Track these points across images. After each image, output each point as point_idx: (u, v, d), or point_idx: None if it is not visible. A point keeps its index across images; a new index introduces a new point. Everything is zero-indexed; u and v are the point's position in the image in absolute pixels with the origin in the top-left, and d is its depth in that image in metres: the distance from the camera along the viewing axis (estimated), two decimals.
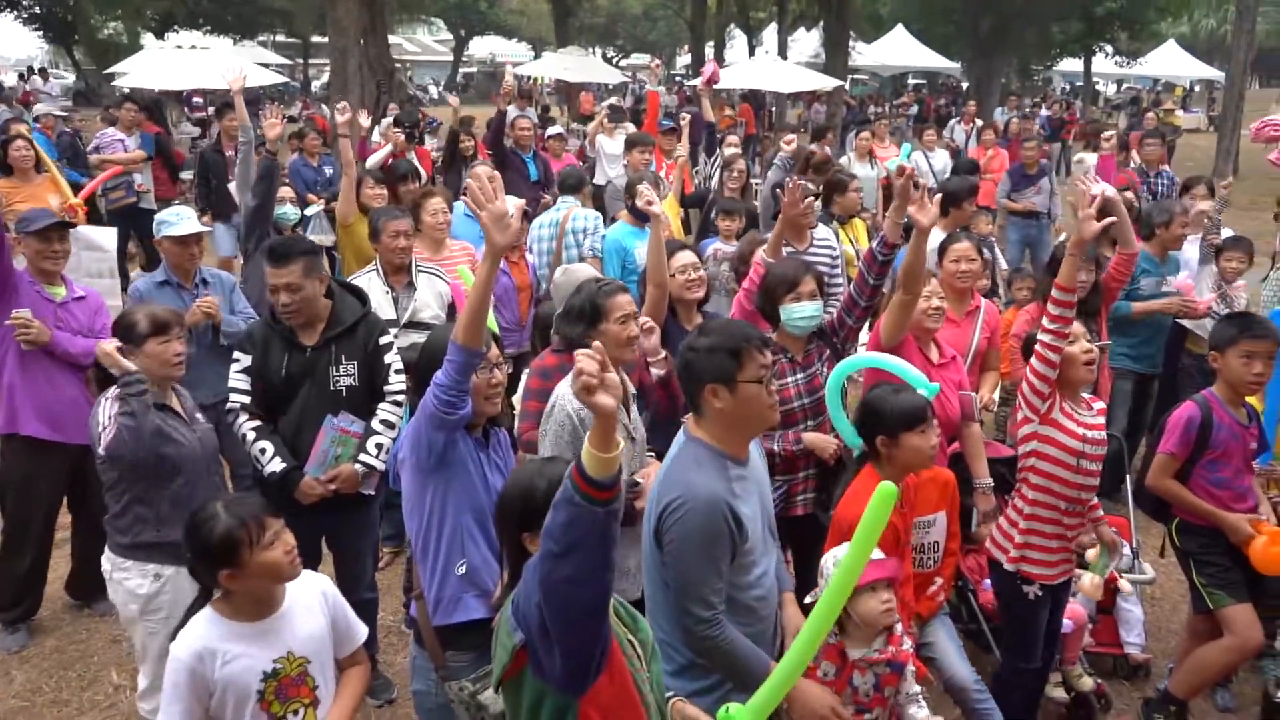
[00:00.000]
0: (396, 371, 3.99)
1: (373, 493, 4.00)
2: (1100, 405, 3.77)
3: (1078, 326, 3.57)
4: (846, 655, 2.94)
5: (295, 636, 2.67)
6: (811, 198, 5.72)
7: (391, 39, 21.99)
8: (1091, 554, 3.99)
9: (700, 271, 4.43)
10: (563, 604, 1.97)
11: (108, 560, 3.61)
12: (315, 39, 41.16)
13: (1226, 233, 6.52)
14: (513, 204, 5.79)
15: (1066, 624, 4.12)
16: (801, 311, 3.81)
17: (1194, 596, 4.01)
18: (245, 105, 6.89)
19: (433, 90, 45.25)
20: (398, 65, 24.23)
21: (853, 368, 3.88)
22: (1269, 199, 15.18)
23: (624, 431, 3.39)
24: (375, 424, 3.89)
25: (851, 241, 6.61)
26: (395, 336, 4.59)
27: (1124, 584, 4.48)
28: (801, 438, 3.84)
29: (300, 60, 44.87)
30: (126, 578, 3.54)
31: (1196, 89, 40.42)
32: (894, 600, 2.94)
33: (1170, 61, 37.75)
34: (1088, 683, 4.26)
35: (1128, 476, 5.06)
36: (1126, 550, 4.74)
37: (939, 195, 4.04)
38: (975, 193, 6.61)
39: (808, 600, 2.96)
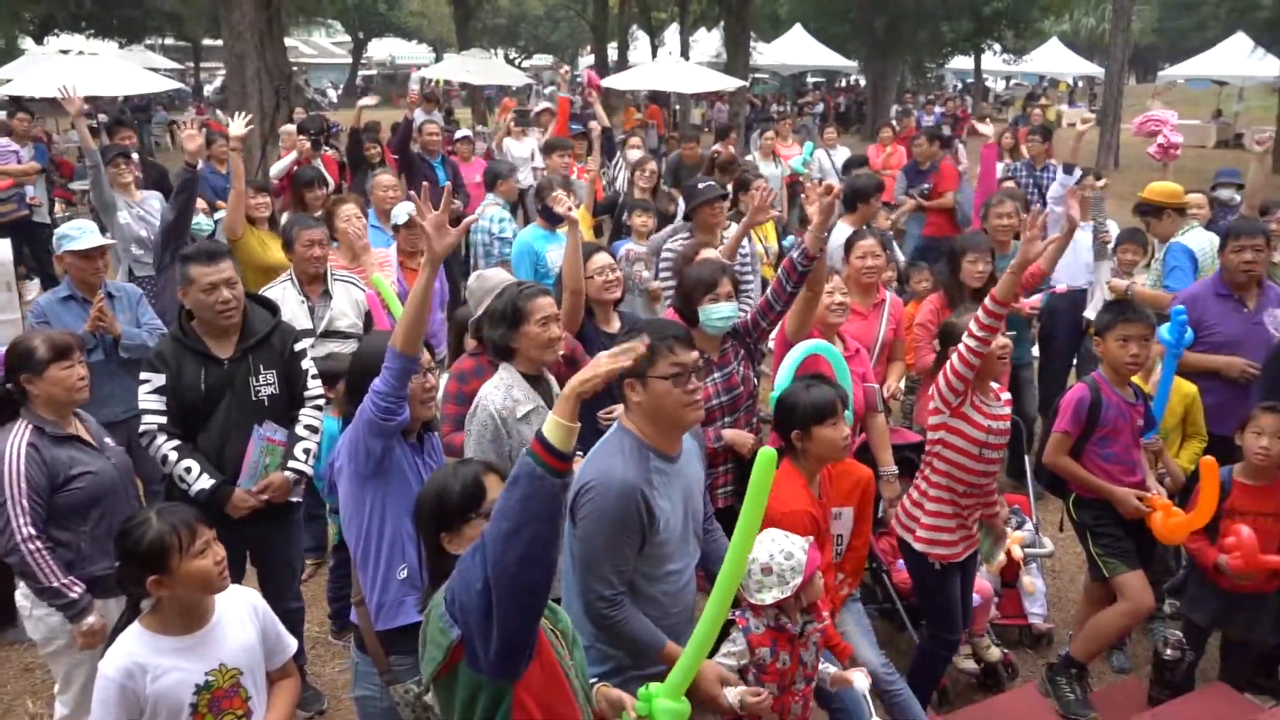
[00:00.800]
0: (314, 377, 4.02)
1: (299, 499, 4.02)
2: (1007, 396, 3.98)
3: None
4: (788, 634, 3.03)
5: (227, 648, 2.67)
6: (721, 199, 5.88)
7: (288, 41, 21.49)
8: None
9: (617, 273, 4.53)
10: (512, 585, 2.04)
11: (25, 597, 3.45)
12: (207, 42, 39.90)
13: (1113, 227, 6.88)
14: (406, 209, 5.86)
15: (974, 598, 4.35)
16: (719, 312, 3.93)
17: (1090, 566, 4.26)
18: (137, 112, 6.75)
19: (331, 94, 44.34)
20: (295, 69, 23.70)
21: (806, 354, 4.05)
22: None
23: None
24: (299, 430, 3.91)
25: (760, 240, 6.78)
26: (312, 346, 4.59)
27: (1026, 578, 4.75)
28: (721, 434, 3.97)
29: (191, 64, 43.47)
30: (49, 613, 3.39)
31: (1079, 85, 42.14)
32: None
33: (1054, 59, 39.37)
34: (995, 653, 4.50)
35: (1027, 457, 5.34)
36: (1029, 526, 5.01)
37: (868, 198, 4.24)
38: (882, 189, 6.85)
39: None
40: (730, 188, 7.12)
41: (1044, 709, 4.09)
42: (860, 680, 3.13)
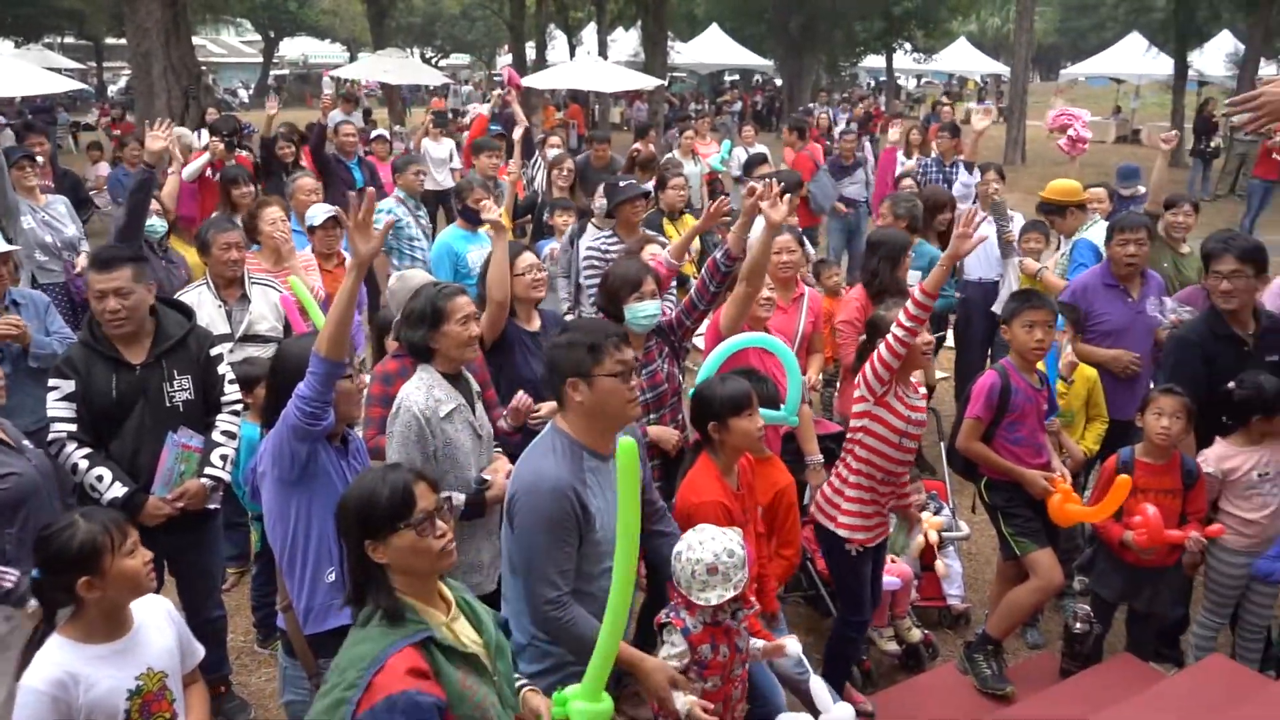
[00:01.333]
0: (230, 382, 3.96)
1: (217, 506, 3.94)
2: (924, 390, 4.11)
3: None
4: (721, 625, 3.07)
5: (152, 652, 2.65)
6: (642, 198, 5.93)
7: (195, 40, 20.92)
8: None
9: (543, 272, 4.55)
10: None
11: None
12: (110, 40, 38.65)
13: (1019, 219, 7.11)
14: (324, 210, 5.79)
15: (895, 581, 4.48)
16: (644, 310, 3.98)
17: (1003, 546, 4.42)
18: (39, 114, 6.53)
19: (242, 94, 43.30)
20: (203, 68, 23.07)
21: (736, 347, 4.10)
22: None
23: (470, 429, 3.47)
24: (216, 435, 3.84)
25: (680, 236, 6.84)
26: (230, 351, 4.51)
27: (942, 561, 4.91)
28: (647, 430, 4.02)
29: (94, 64, 42.03)
30: None
31: (987, 83, 43.41)
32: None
33: (962, 58, 40.58)
34: (916, 634, 4.64)
35: (942, 445, 5.51)
36: (946, 511, 5.18)
37: (788, 194, 4.33)
38: (801, 186, 6.98)
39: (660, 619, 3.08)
40: (651, 185, 7.18)
41: (963, 686, 4.23)
42: (792, 645, 3.18)
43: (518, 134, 8.32)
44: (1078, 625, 4.21)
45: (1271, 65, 22.81)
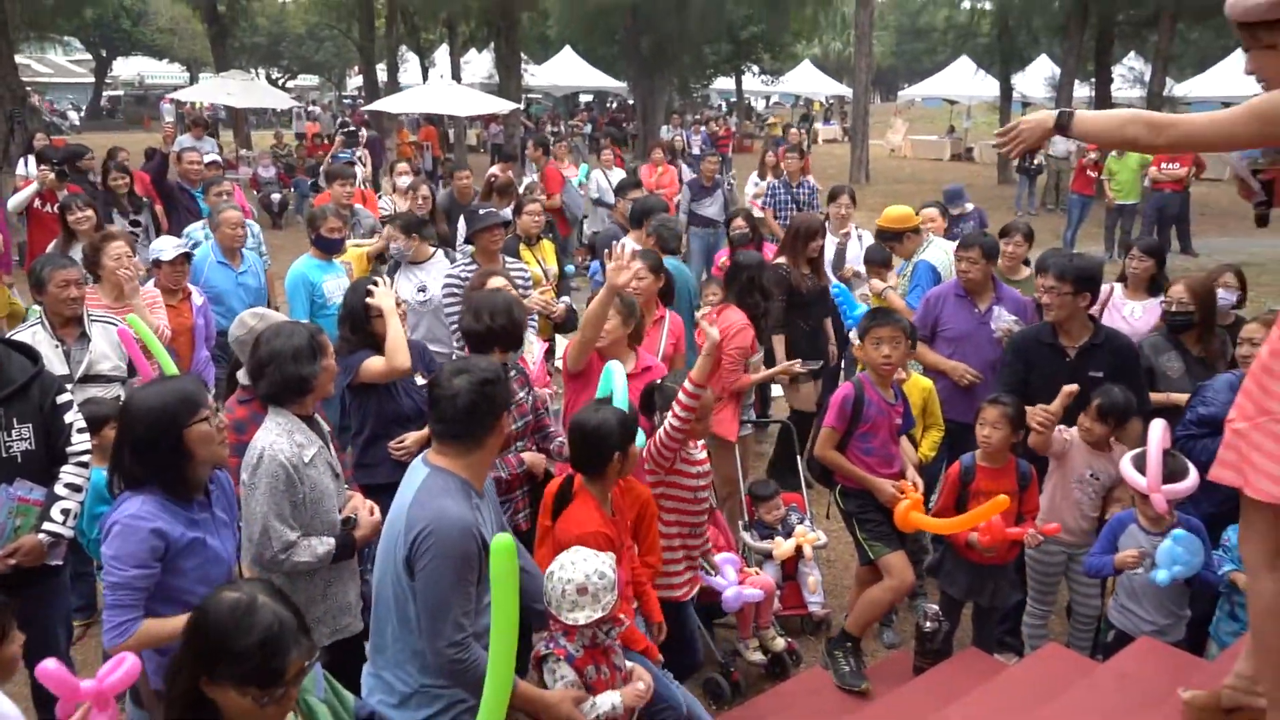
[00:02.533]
0: (79, 431, 3.74)
1: (60, 562, 3.74)
2: (702, 442, 4.27)
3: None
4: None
5: None
6: (502, 226, 5.97)
7: (19, 59, 19.73)
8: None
9: (403, 306, 4.55)
10: None
11: None
12: None
13: (867, 236, 7.46)
14: (175, 245, 5.61)
15: (757, 594, 4.64)
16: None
17: (858, 550, 4.66)
18: None
19: (73, 116, 40.98)
20: (29, 89, 21.74)
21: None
22: (893, 202, 17.34)
23: (330, 471, 3.43)
24: (59, 488, 3.62)
25: (539, 262, 6.90)
26: (70, 392, 4.30)
27: (803, 569, 5.11)
28: (523, 458, 4.07)
29: None
30: None
31: (832, 104, 45.25)
32: None
33: (807, 80, 42.22)
34: (780, 643, 4.82)
35: (799, 457, 5.74)
36: (806, 521, 5.38)
37: (639, 262, 4.54)
38: (665, 209, 7.15)
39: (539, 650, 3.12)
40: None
41: (828, 688, 4.41)
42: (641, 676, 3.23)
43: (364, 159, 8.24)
44: (928, 624, 4.46)
45: (1085, 86, 24.59)
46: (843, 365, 7.01)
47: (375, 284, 4.38)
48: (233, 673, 1.93)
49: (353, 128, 18.41)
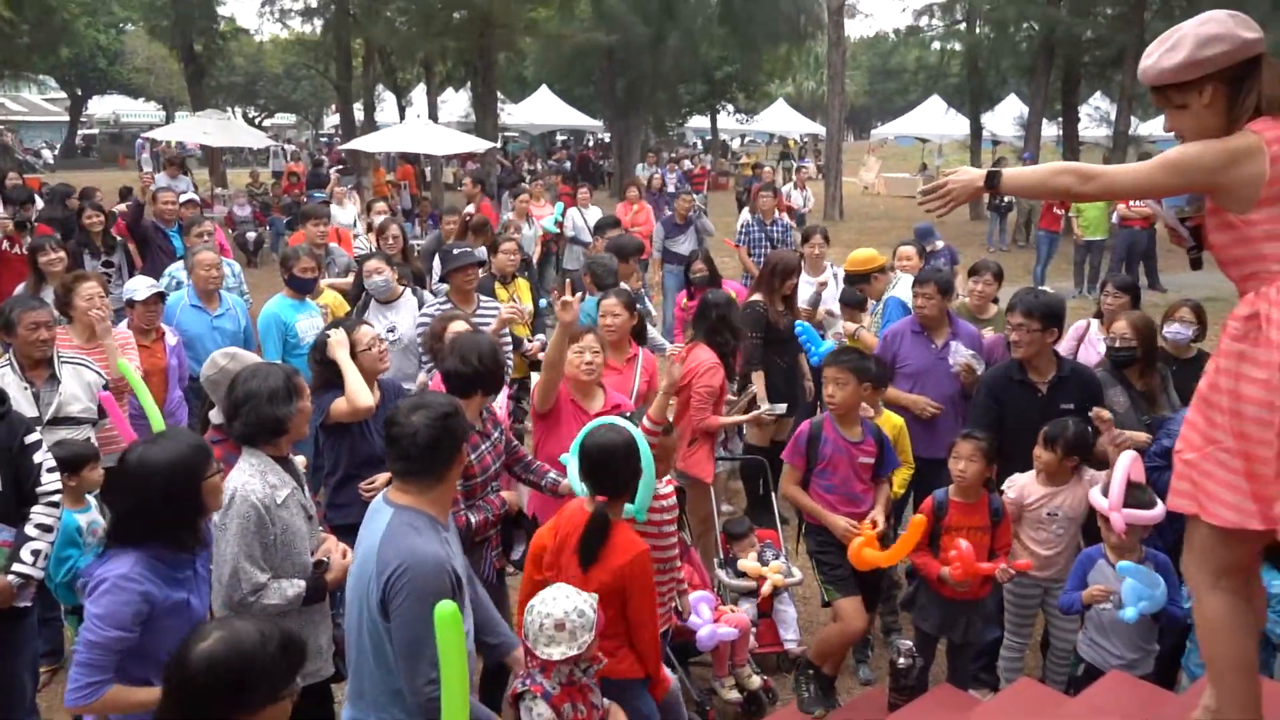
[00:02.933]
0: (49, 470, 3.72)
1: (29, 604, 3.70)
2: (670, 476, 4.34)
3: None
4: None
5: None
6: (477, 265, 6.01)
7: None
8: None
9: (384, 343, 4.56)
10: None
11: None
12: None
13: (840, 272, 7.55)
14: (148, 285, 5.59)
15: (732, 632, 4.63)
16: None
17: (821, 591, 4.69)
18: None
19: (47, 154, 40.82)
20: (1, 127, 21.68)
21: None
22: (867, 239, 17.60)
23: (302, 512, 3.42)
24: (29, 529, 3.60)
25: (514, 300, 6.91)
26: (39, 434, 4.27)
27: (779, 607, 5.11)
28: (504, 499, 4.07)
29: None
30: None
31: (806, 142, 45.85)
32: None
33: (781, 118, 42.82)
34: (756, 681, 4.80)
35: (772, 494, 5.74)
36: (782, 558, 5.38)
37: (579, 296, 4.60)
38: (641, 250, 7.20)
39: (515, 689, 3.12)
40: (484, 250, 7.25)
41: None
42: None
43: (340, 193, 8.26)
44: (902, 660, 4.46)
45: (1053, 126, 25.07)
46: (820, 402, 7.06)
47: (329, 336, 4.41)
48: (262, 696, 2.07)
49: (342, 166, 18.44)
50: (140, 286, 5.72)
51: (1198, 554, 2.66)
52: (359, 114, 27.46)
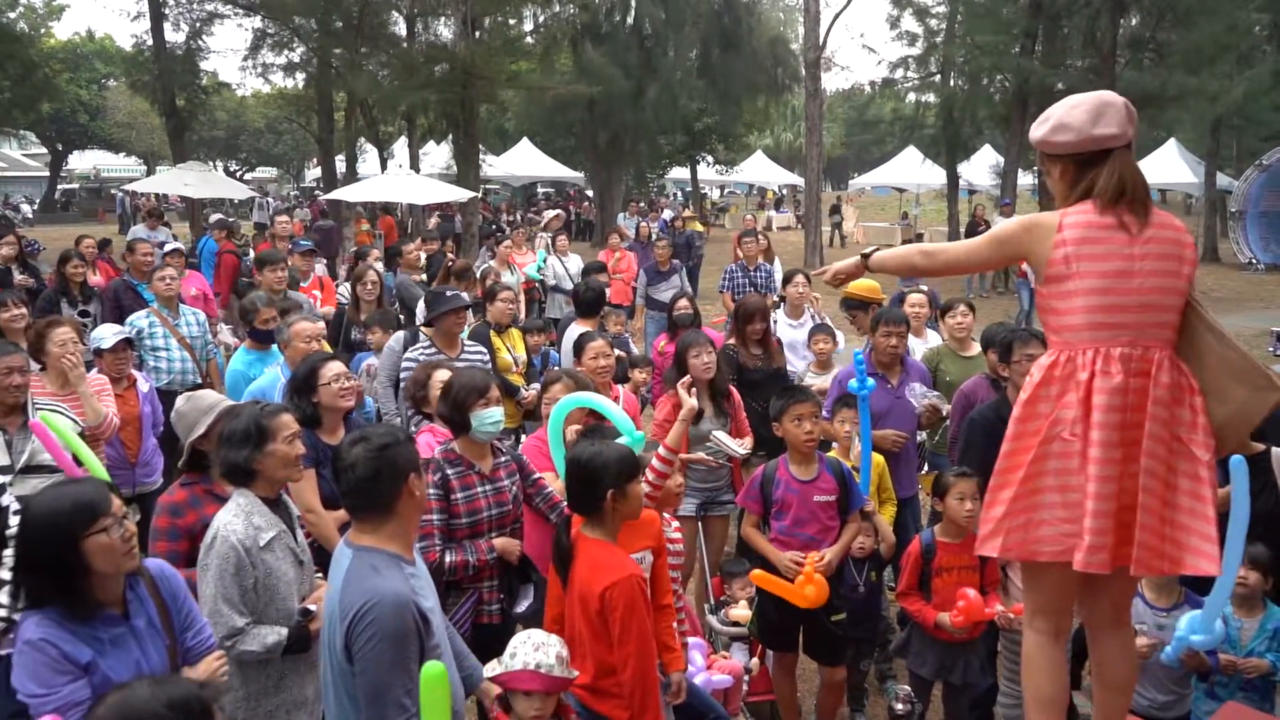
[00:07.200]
0: (15, 514, 3.60)
1: (10, 651, 3.55)
2: (677, 524, 4.35)
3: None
4: None
5: None
6: (466, 309, 5.96)
7: None
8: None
9: (351, 380, 4.47)
10: None
11: None
12: None
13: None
14: (115, 332, 5.50)
15: (726, 679, 4.52)
16: (491, 417, 3.97)
17: None
18: None
19: (26, 209, 40.68)
20: None
21: (569, 407, 4.27)
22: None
23: (291, 556, 3.32)
24: (3, 574, 3.47)
25: (508, 349, 6.84)
26: (10, 484, 4.16)
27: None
28: (494, 545, 3.95)
29: None
30: None
31: (785, 192, 46.36)
32: None
33: (760, 169, 43.36)
34: None
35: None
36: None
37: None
38: (602, 298, 7.17)
39: None
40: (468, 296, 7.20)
41: None
42: None
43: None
44: (899, 706, 4.39)
45: (1028, 175, 25.42)
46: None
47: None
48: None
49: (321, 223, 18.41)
50: (106, 335, 5.62)
51: (1026, 592, 3.04)
52: (340, 167, 27.54)
